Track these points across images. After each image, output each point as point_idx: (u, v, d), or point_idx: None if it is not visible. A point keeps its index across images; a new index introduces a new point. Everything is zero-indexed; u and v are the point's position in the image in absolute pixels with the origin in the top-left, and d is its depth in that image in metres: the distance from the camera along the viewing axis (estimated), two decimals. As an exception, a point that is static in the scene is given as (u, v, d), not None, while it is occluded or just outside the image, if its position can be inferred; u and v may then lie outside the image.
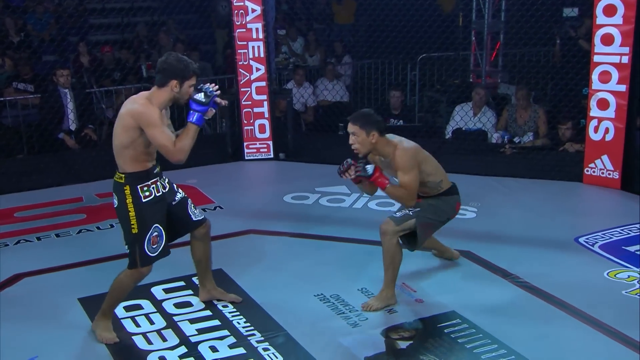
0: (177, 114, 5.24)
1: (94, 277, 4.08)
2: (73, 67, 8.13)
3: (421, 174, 3.68)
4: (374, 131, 3.58)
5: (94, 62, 8.31)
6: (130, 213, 3.27)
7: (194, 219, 3.57)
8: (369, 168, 3.60)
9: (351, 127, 3.61)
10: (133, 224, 3.27)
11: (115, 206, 3.33)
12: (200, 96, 3.21)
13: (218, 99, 3.26)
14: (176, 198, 3.50)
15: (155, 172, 3.36)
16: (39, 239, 4.87)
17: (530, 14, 6.99)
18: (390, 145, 3.64)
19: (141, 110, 3.16)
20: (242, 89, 6.74)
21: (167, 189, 3.44)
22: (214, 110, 3.29)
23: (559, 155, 6.47)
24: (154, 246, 3.33)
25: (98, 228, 5.03)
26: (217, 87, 3.27)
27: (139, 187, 3.27)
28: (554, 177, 6.01)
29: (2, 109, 7.28)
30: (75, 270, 4.32)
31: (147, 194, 3.29)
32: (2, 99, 7.31)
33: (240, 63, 6.70)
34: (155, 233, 3.33)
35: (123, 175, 3.27)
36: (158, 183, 3.37)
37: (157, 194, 3.35)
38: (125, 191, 3.26)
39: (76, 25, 8.79)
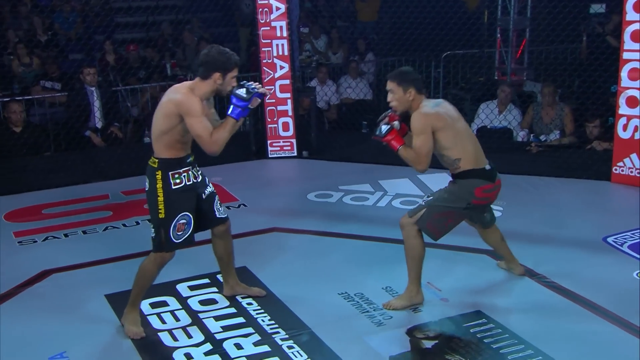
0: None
1: (120, 273, 4.11)
2: (99, 65, 8.23)
3: (436, 144, 3.55)
4: (411, 88, 3.51)
5: (119, 60, 8.40)
6: (158, 198, 3.32)
7: (217, 215, 3.60)
8: (384, 128, 3.57)
9: (389, 85, 3.56)
10: (160, 209, 3.33)
11: (146, 189, 3.40)
12: (242, 91, 3.26)
13: (262, 89, 3.31)
14: (206, 191, 3.54)
15: (188, 161, 3.41)
16: (66, 235, 4.94)
17: (557, 10, 6.90)
18: (420, 106, 3.55)
19: (182, 99, 3.24)
20: (265, 87, 6.74)
21: (199, 180, 3.49)
22: (259, 100, 3.33)
23: (586, 153, 6.37)
24: (179, 233, 3.38)
25: (124, 225, 5.08)
26: (259, 85, 3.34)
27: (170, 173, 3.33)
28: (581, 176, 5.92)
29: (30, 107, 7.39)
30: (102, 267, 4.37)
31: (177, 181, 3.34)
32: (30, 97, 7.42)
33: (264, 61, 6.72)
34: (183, 220, 3.37)
35: (157, 160, 3.34)
36: (190, 172, 3.42)
37: (188, 183, 3.39)
38: (157, 176, 3.32)
39: (102, 24, 8.91)
